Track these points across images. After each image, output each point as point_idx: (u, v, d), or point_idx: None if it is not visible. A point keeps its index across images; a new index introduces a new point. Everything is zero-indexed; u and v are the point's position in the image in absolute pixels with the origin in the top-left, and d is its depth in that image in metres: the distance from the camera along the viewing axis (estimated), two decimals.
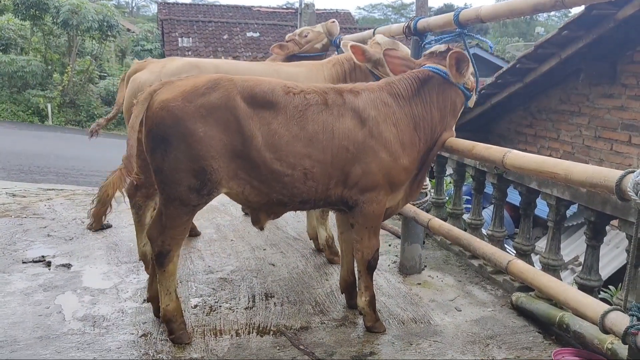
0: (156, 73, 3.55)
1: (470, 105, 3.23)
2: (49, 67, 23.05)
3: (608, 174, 2.01)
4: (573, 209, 3.43)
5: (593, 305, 2.19)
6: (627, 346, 2.12)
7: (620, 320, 2.04)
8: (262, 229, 3.04)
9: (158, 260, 2.82)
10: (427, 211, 4.81)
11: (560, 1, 2.33)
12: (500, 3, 2.71)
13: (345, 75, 3.92)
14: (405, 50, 3.67)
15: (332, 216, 4.12)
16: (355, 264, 3.21)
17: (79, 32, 22.35)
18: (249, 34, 23.41)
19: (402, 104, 2.93)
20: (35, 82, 22.08)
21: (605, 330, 2.11)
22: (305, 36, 4.71)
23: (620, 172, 1.96)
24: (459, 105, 3.11)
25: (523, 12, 2.62)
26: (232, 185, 2.75)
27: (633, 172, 1.92)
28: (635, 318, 1.98)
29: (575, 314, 2.57)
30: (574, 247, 6.87)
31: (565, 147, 7.38)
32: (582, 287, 3.23)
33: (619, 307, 2.13)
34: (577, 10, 6.63)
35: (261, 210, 2.92)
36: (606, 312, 2.10)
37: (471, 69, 3.04)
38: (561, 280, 3.55)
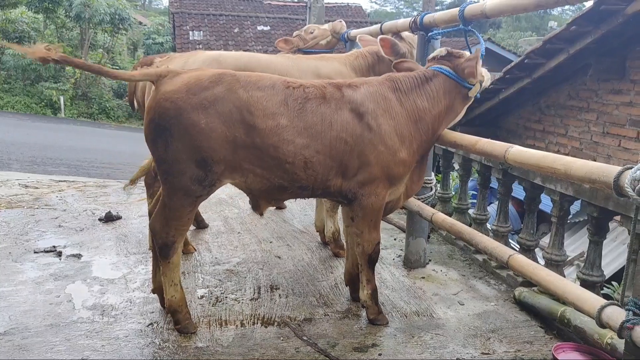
0: (179, 68, 3.60)
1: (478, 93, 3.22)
2: None
3: (606, 170, 2.02)
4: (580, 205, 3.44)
5: (590, 299, 2.21)
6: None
7: (616, 314, 2.06)
8: (261, 214, 3.13)
9: (162, 252, 2.87)
10: (433, 206, 4.83)
11: None
12: None
13: (368, 68, 3.95)
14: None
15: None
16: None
17: (91, 25, 22.51)
18: (259, 28, 23.43)
19: (402, 98, 2.98)
20: (48, 74, 22.30)
21: (602, 325, 2.13)
22: (311, 32, 4.77)
23: (618, 168, 1.98)
24: (457, 99, 3.15)
25: (526, 8, 2.63)
26: (235, 176, 2.82)
27: (631, 168, 1.93)
28: (631, 312, 2.00)
29: (574, 308, 2.59)
30: (580, 244, 6.85)
31: (573, 143, 7.34)
32: (584, 283, 3.25)
33: (616, 302, 2.15)
34: (589, 4, 6.56)
35: (261, 197, 2.98)
36: (603, 307, 2.11)
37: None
38: (564, 276, 3.58)
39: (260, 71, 3.24)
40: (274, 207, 5.21)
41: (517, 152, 2.56)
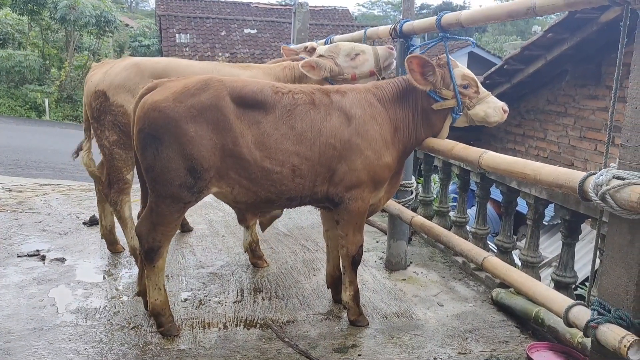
0: (103, 74, 3.64)
1: (458, 113, 3.12)
2: (47, 62, 23.11)
3: (572, 175, 2.11)
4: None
5: (559, 300, 2.30)
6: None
7: (583, 314, 2.15)
8: (247, 227, 3.15)
9: (148, 256, 2.90)
10: (415, 209, 4.92)
11: (532, 9, 2.43)
12: (477, 9, 2.82)
13: (294, 80, 3.87)
14: (346, 47, 3.79)
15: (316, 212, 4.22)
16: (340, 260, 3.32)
17: (76, 27, 22.40)
18: (246, 31, 23.44)
19: (386, 105, 3.06)
20: (33, 77, 22.15)
21: (569, 324, 2.21)
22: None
23: (583, 174, 2.07)
24: (430, 112, 3.10)
25: (498, 18, 2.72)
26: (222, 185, 2.85)
27: (595, 174, 2.03)
28: (596, 312, 2.08)
29: (543, 308, 2.68)
30: (557, 246, 6.98)
31: (552, 147, 7.49)
32: (558, 284, 3.34)
33: (582, 302, 2.24)
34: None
35: (248, 210, 3.03)
36: (570, 307, 2.20)
37: (443, 76, 3.03)
38: (540, 277, 3.69)
39: (178, 76, 3.18)
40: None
41: (490, 157, 2.65)
